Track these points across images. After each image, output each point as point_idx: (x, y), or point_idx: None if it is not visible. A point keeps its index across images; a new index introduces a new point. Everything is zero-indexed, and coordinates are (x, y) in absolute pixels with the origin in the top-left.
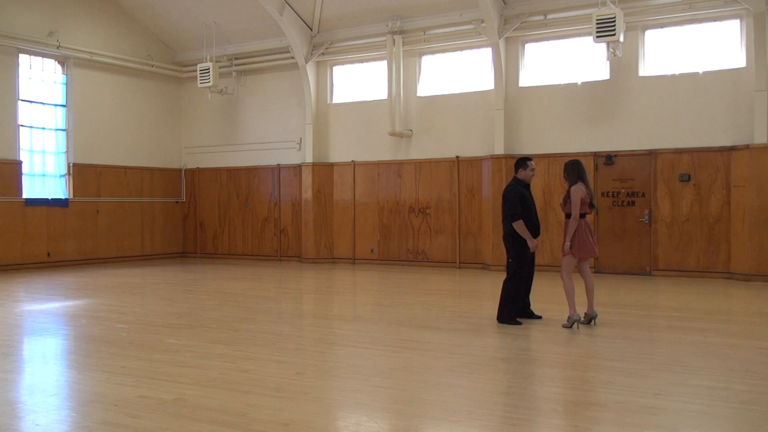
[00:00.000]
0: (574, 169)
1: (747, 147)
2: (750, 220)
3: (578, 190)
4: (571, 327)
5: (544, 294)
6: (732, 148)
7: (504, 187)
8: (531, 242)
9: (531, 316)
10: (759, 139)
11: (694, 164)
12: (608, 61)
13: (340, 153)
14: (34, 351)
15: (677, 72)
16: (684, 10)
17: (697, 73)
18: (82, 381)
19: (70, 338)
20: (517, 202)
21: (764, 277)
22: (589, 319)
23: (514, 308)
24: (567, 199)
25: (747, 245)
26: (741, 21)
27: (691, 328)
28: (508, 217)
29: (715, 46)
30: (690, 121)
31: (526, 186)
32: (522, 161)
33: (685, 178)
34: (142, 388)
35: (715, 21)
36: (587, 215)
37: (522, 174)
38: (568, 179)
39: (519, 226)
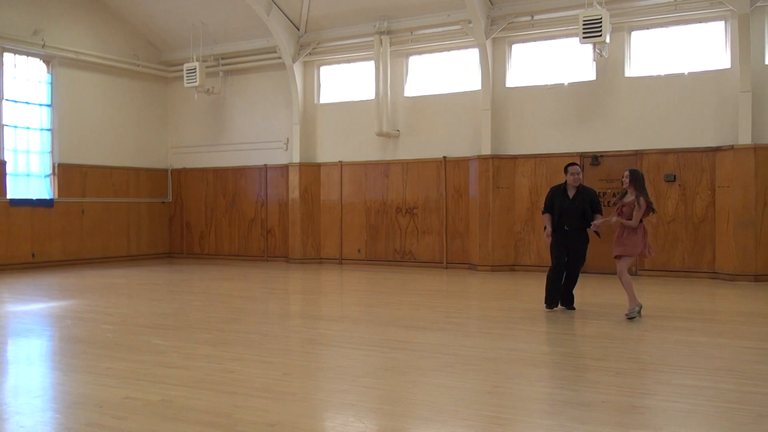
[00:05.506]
0: (641, 179)
1: (731, 148)
2: (734, 221)
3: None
4: (633, 318)
5: (539, 294)
6: (717, 149)
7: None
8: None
9: (567, 306)
10: (743, 140)
11: (680, 165)
12: (594, 62)
13: (327, 153)
14: (18, 352)
15: (663, 73)
16: (670, 11)
17: (683, 74)
18: (67, 382)
19: (55, 339)
20: (549, 199)
21: (748, 277)
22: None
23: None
24: (635, 205)
25: (731, 245)
26: (726, 22)
27: (676, 328)
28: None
29: (700, 48)
30: (675, 121)
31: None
32: (565, 168)
33: (671, 179)
34: (128, 389)
35: (700, 22)
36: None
37: (567, 178)
38: (635, 186)
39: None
